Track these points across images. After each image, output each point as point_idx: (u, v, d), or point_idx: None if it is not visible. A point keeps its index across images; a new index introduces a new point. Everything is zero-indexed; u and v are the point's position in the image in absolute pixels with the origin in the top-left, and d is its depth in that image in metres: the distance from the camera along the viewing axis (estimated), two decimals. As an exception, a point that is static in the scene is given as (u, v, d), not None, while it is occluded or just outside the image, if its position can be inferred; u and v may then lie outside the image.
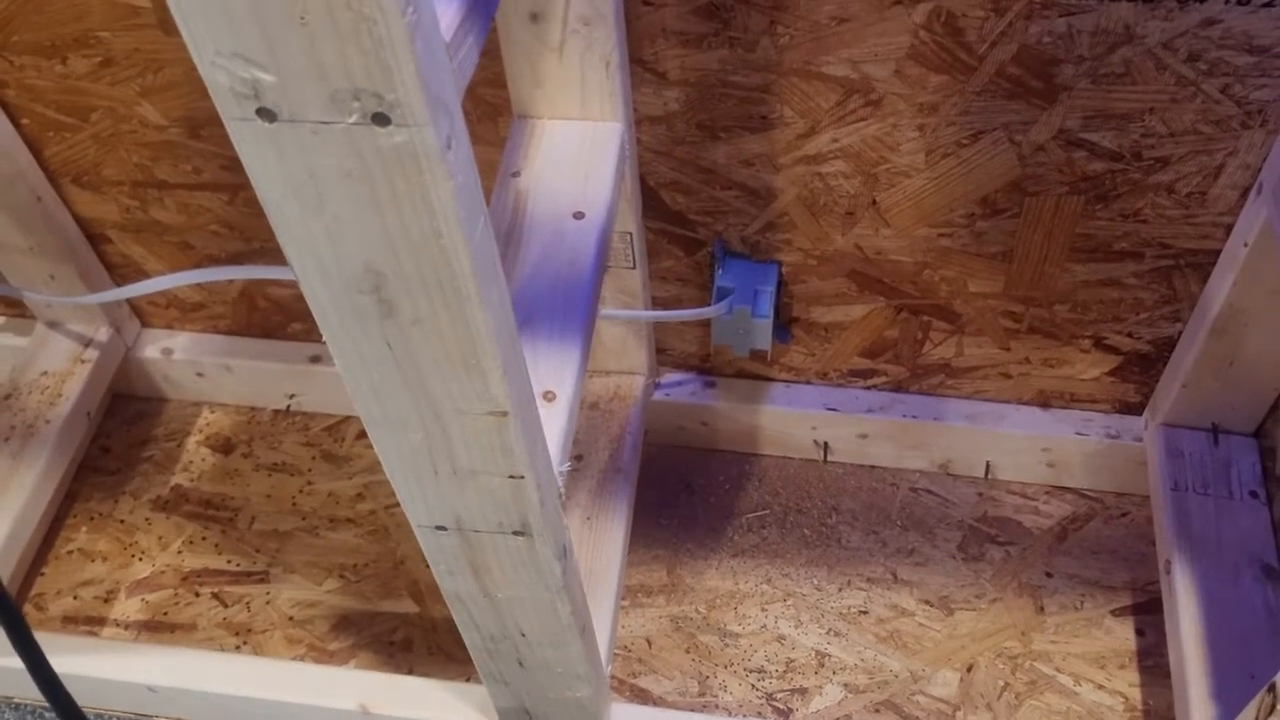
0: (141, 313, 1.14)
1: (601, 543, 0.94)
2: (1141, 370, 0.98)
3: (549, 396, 0.67)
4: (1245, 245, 0.81)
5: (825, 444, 1.10)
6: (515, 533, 0.62)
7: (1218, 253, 0.86)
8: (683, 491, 1.11)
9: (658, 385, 1.09)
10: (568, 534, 0.68)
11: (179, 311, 1.13)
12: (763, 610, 1.03)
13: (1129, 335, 0.95)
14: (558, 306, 0.71)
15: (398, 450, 0.58)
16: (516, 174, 0.78)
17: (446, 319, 0.49)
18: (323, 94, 0.40)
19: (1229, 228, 0.84)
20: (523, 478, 0.58)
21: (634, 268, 0.92)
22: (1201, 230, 0.85)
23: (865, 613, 1.02)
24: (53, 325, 1.11)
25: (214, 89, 0.40)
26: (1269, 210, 0.77)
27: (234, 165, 0.95)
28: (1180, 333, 0.94)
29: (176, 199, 1.00)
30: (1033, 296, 0.94)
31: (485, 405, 0.53)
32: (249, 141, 0.42)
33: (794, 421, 1.08)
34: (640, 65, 0.81)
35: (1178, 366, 0.94)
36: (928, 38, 0.76)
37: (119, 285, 1.08)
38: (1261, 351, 0.88)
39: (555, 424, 0.66)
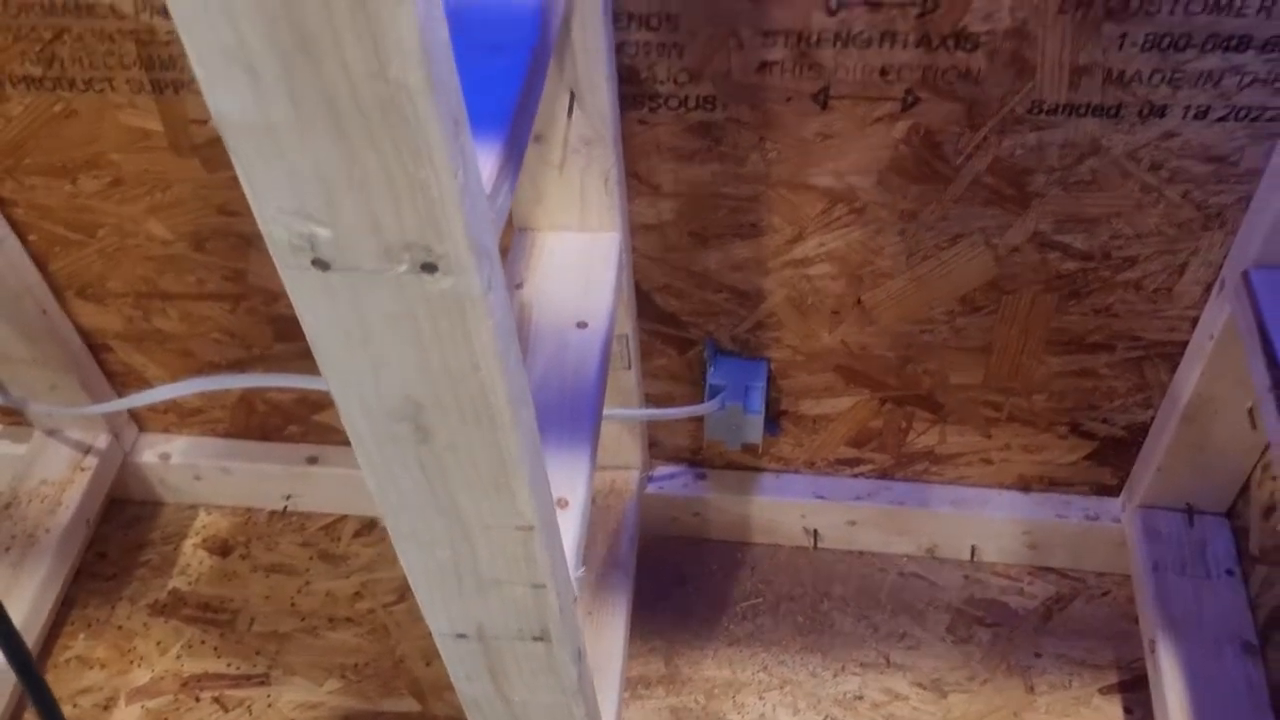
0: (139, 418, 1.16)
1: (603, 637, 0.96)
2: (1117, 455, 1.02)
3: (562, 503, 0.70)
4: (1211, 338, 0.85)
5: (815, 531, 1.13)
6: (535, 639, 0.65)
7: (1185, 344, 0.91)
8: (676, 582, 1.13)
9: (650, 478, 1.11)
10: (582, 636, 0.70)
11: (177, 416, 1.15)
12: (760, 699, 1.04)
13: (1104, 422, 0.99)
14: (566, 415, 0.74)
15: (424, 563, 0.60)
16: (520, 285, 0.81)
17: (480, 443, 0.51)
18: (376, 247, 0.43)
19: (1195, 320, 0.89)
20: (544, 586, 0.60)
21: (629, 368, 0.95)
22: (1169, 323, 0.90)
23: (860, 698, 1.04)
24: (51, 433, 1.12)
25: (272, 241, 0.43)
26: (1232, 305, 0.82)
27: (236, 276, 0.98)
28: (1153, 419, 0.98)
29: (179, 309, 1.02)
30: (1011, 387, 0.98)
31: (513, 521, 0.56)
32: (301, 287, 0.45)
33: (784, 510, 1.11)
34: (635, 178, 0.85)
35: (1151, 451, 0.98)
36: (907, 151, 0.81)
37: (119, 392, 1.10)
38: (1230, 436, 0.92)
39: (570, 530, 0.69)
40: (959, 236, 0.86)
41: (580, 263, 0.83)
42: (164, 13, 0.79)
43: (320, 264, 0.44)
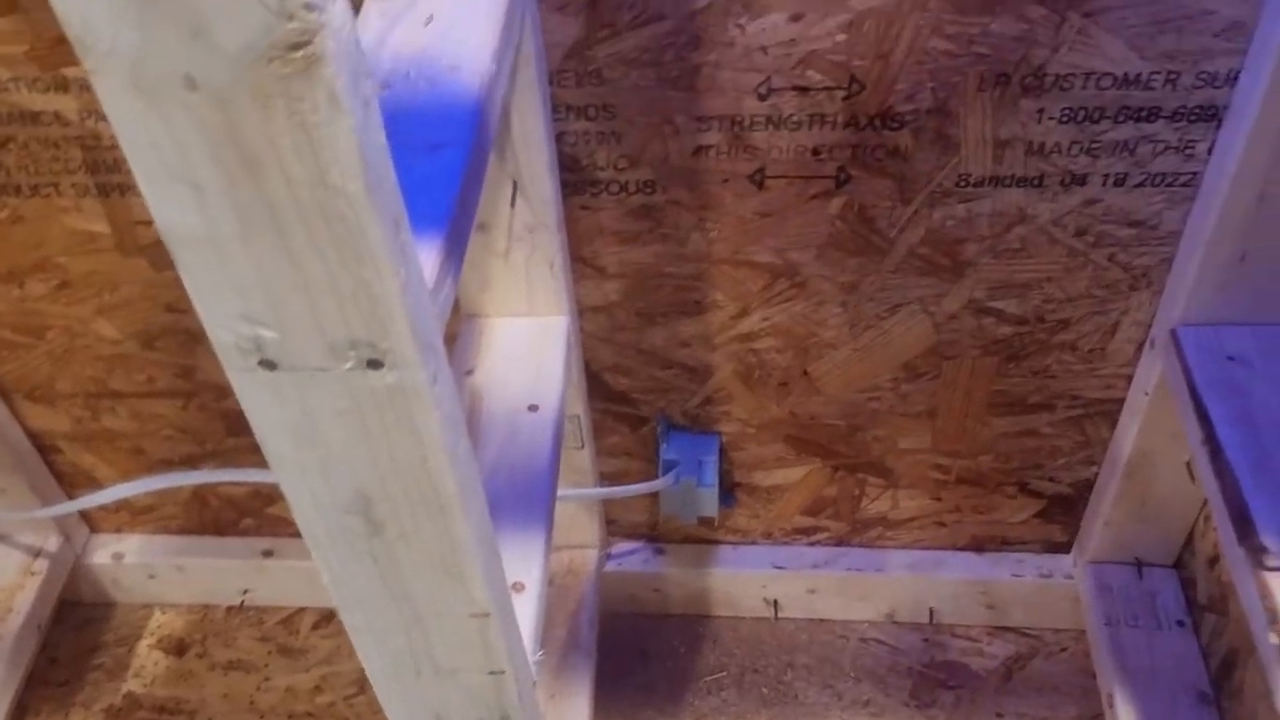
0: (91, 518, 1.14)
1: (567, 720, 0.96)
2: (1065, 511, 1.04)
3: (518, 587, 0.70)
4: (1146, 394, 0.88)
5: (775, 602, 1.13)
6: (495, 726, 0.65)
7: (1122, 401, 0.93)
8: (639, 659, 1.13)
9: (609, 556, 1.12)
10: (543, 721, 0.70)
11: (129, 515, 1.14)
12: (728, 774, 1.04)
13: (1050, 480, 1.02)
14: (520, 499, 0.75)
15: (380, 655, 0.60)
16: (470, 372, 0.82)
17: (431, 532, 0.52)
18: (321, 346, 0.44)
19: (1130, 378, 0.91)
20: (503, 672, 0.61)
21: (582, 448, 0.96)
22: (1105, 381, 0.92)
23: (828, 768, 1.04)
24: (0, 538, 1.11)
25: (219, 345, 0.44)
26: (1162, 362, 0.84)
27: (187, 373, 0.98)
28: (1096, 475, 1.00)
29: (129, 407, 1.02)
30: (958, 449, 1.00)
31: (467, 608, 0.56)
32: (249, 388, 0.46)
33: (743, 582, 1.11)
34: (581, 261, 0.87)
35: (1097, 507, 1.00)
36: (843, 226, 0.83)
37: (69, 494, 1.09)
38: (1171, 489, 0.94)
39: (526, 614, 0.69)
40: (898, 306, 0.88)
41: (530, 347, 0.84)
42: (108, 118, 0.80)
43: (267, 364, 0.45)
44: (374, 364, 0.44)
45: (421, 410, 0.46)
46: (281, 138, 0.36)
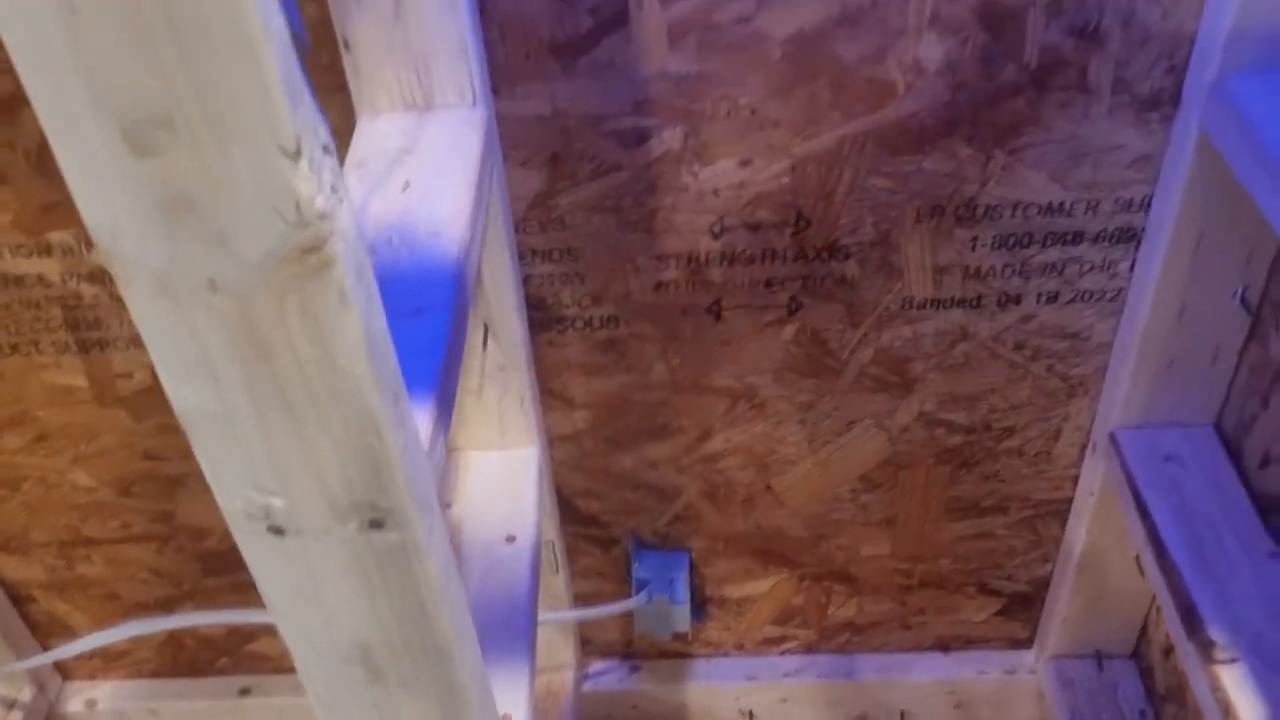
0: (64, 666, 1.14)
1: (552, 846, 0.96)
2: (1024, 609, 1.08)
3: (506, 719, 0.72)
4: (1092, 494, 0.92)
5: (750, 712, 1.15)
6: None
7: (1070, 501, 0.98)
8: (620, 778, 1.14)
9: (585, 676, 1.13)
10: None
11: (103, 661, 1.13)
12: None
13: (1008, 579, 1.05)
14: (501, 629, 0.77)
15: (378, 798, 0.62)
16: (448, 506, 0.85)
17: (430, 677, 0.54)
18: (326, 510, 0.47)
19: (1075, 479, 0.96)
20: (496, 808, 0.62)
21: (557, 572, 0.99)
22: (1053, 483, 0.97)
23: None
24: (-29, 692, 1.10)
25: (228, 513, 0.47)
26: (1104, 464, 0.89)
27: (163, 517, 1.00)
28: (1052, 572, 1.04)
29: (104, 554, 1.03)
30: (919, 554, 1.03)
31: (463, 747, 0.58)
32: (257, 552, 0.48)
33: (718, 695, 1.13)
34: (550, 394, 0.91)
35: (1055, 603, 1.04)
36: (798, 351, 0.88)
37: (43, 642, 1.09)
38: (1123, 583, 0.98)
39: (516, 747, 0.71)
40: (853, 422, 0.93)
41: (504, 478, 0.87)
42: (90, 279, 0.84)
43: (275, 530, 0.48)
44: (376, 524, 0.47)
45: (420, 563, 0.49)
46: (295, 329, 0.40)
